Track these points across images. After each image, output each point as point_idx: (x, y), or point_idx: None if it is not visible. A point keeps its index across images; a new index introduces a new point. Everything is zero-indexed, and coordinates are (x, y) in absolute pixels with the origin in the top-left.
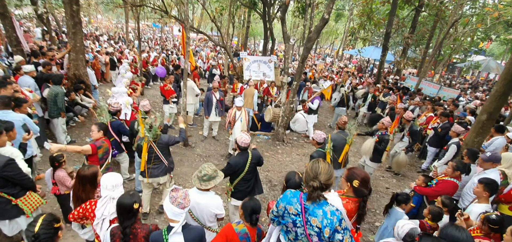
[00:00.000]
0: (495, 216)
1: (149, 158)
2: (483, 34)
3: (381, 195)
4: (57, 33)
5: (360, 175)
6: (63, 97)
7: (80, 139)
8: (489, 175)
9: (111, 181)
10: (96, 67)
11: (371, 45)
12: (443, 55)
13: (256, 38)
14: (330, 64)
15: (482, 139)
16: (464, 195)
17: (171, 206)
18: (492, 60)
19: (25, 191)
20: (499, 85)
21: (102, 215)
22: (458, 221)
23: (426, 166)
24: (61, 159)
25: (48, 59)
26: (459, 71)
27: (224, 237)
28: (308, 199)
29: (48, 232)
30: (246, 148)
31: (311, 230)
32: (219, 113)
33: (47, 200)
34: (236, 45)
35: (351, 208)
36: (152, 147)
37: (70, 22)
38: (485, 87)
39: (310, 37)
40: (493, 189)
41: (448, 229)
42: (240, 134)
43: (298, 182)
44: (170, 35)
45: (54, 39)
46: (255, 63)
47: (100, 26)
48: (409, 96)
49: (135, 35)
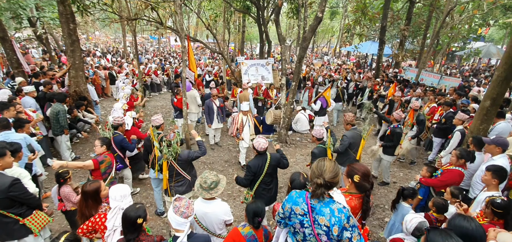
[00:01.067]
0: (500, 200)
1: (171, 176)
2: (481, 20)
3: (389, 190)
4: (56, 53)
5: (360, 170)
6: (65, 115)
7: (84, 155)
8: (497, 162)
9: (119, 192)
10: (96, 83)
11: (368, 40)
12: (441, 45)
13: (252, 42)
14: (328, 63)
15: (487, 126)
16: (474, 184)
17: (174, 216)
18: (492, 46)
19: (32, 210)
20: (500, 70)
21: (113, 226)
22: (458, 211)
23: (432, 157)
24: (66, 176)
25: (49, 78)
26: (459, 59)
27: (232, 241)
28: (312, 196)
29: None
30: (264, 151)
31: (319, 229)
32: (221, 120)
33: (55, 217)
34: (233, 51)
35: (355, 204)
36: (172, 165)
37: (68, 40)
38: (487, 73)
39: (305, 37)
40: (502, 176)
41: (456, 220)
42: (257, 139)
43: (303, 183)
44: (167, 46)
45: (54, 59)
46: (253, 67)
47: (98, 42)
48: (410, 88)
49: (133, 48)
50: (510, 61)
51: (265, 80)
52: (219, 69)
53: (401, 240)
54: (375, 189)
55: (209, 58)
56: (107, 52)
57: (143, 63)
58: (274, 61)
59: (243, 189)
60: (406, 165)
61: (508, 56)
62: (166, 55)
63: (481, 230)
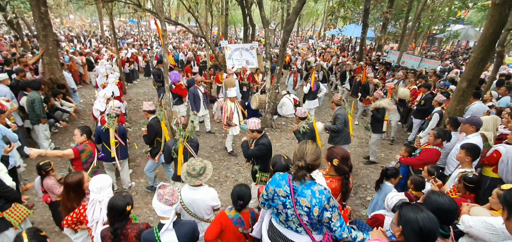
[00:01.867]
0: (472, 175)
1: (185, 160)
2: (460, 2)
3: (371, 171)
4: (29, 38)
5: (339, 154)
6: (41, 103)
7: (64, 145)
8: (471, 140)
9: (97, 184)
10: (73, 70)
11: (352, 23)
12: (422, 27)
13: (236, 25)
14: (312, 46)
15: (463, 107)
16: (449, 161)
17: (159, 203)
18: (470, 28)
19: (10, 203)
20: (477, 52)
21: (92, 218)
22: (433, 187)
23: (412, 138)
24: (47, 168)
25: (22, 66)
26: (439, 42)
27: (219, 224)
28: (294, 178)
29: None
30: (261, 130)
31: (301, 210)
32: (206, 106)
33: (37, 209)
34: (217, 35)
35: (335, 186)
36: (186, 148)
37: (40, 24)
38: (465, 55)
39: (289, 20)
40: (475, 154)
41: (431, 196)
42: (250, 119)
43: (284, 165)
44: (148, 31)
45: (26, 44)
46: (237, 51)
47: (73, 26)
48: (392, 71)
49: (111, 32)
50: (486, 43)
51: (249, 64)
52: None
53: (382, 216)
54: (357, 170)
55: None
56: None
57: (123, 48)
58: (258, 45)
59: (229, 174)
60: (387, 146)
61: (485, 38)
62: (145, 40)
63: (454, 204)
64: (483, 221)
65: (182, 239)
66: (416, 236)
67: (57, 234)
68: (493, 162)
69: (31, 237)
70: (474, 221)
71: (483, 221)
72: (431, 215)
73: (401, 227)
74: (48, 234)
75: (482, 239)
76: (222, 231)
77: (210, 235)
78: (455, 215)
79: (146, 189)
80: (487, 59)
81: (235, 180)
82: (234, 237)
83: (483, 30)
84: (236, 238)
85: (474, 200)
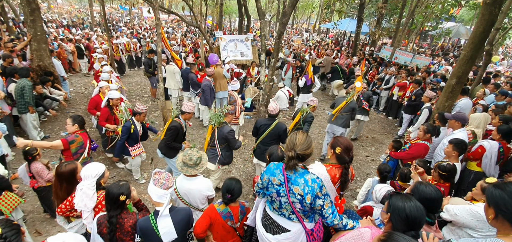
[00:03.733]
0: (446, 164)
1: (209, 142)
2: (453, 0)
3: (361, 163)
4: (14, 23)
5: (343, 143)
6: (31, 91)
7: (54, 134)
8: (458, 135)
9: (83, 172)
10: (62, 57)
11: (347, 17)
12: (415, 24)
13: (231, 16)
14: (307, 39)
15: (452, 103)
16: (436, 156)
17: (155, 188)
18: (462, 26)
19: (1, 192)
20: (467, 50)
21: (78, 207)
22: (413, 174)
23: (402, 132)
24: (34, 152)
25: (8, 51)
26: (431, 39)
27: (208, 217)
28: (286, 168)
29: (12, 230)
30: (275, 115)
31: (294, 197)
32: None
33: (27, 198)
34: (211, 25)
35: (334, 174)
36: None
37: (27, 9)
38: (455, 53)
39: (285, 12)
40: (462, 149)
41: (419, 187)
42: (271, 102)
43: (280, 155)
44: (141, 19)
45: (12, 30)
46: (232, 43)
47: (61, 11)
48: (385, 66)
49: (102, 19)
50: (476, 41)
51: (244, 56)
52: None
53: (371, 207)
54: None
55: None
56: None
57: (114, 37)
58: (253, 37)
59: (231, 168)
60: (377, 140)
61: (475, 36)
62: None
63: (439, 194)
64: (469, 209)
65: (178, 225)
66: (402, 222)
67: (49, 222)
68: (477, 157)
69: (3, 225)
70: (459, 209)
71: (468, 209)
72: (419, 204)
73: (389, 214)
74: (39, 222)
75: (468, 226)
76: (212, 225)
77: (199, 228)
78: (439, 203)
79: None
80: (476, 57)
81: (228, 171)
82: (223, 230)
83: (473, 28)
84: (226, 232)
85: (448, 188)
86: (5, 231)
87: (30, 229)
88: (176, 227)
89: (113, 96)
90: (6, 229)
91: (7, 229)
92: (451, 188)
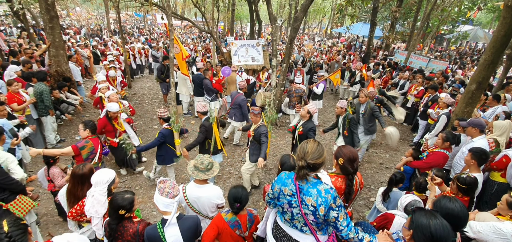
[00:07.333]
0: (466, 176)
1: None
2: (471, 3)
3: (375, 171)
4: (35, 31)
5: (346, 154)
6: (49, 95)
7: (70, 137)
8: (478, 143)
9: (94, 178)
10: (78, 62)
11: (359, 22)
12: (431, 28)
13: (242, 21)
14: (319, 44)
15: (471, 109)
16: (455, 165)
17: (160, 197)
18: (479, 29)
19: (15, 195)
20: (487, 54)
21: (89, 213)
22: (429, 185)
23: (417, 139)
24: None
25: (28, 57)
26: (448, 42)
27: (215, 227)
28: (296, 178)
29: (18, 229)
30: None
31: (307, 209)
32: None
33: (42, 201)
34: (223, 30)
35: (340, 185)
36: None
37: (46, 16)
38: (474, 57)
39: (297, 17)
40: (480, 158)
41: (442, 201)
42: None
43: (293, 165)
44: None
45: (32, 36)
46: (243, 48)
47: (79, 19)
48: (399, 71)
49: (117, 26)
50: (497, 45)
51: (255, 61)
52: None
53: (393, 215)
54: (361, 170)
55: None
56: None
57: (128, 42)
58: (264, 42)
59: (233, 171)
60: (391, 147)
61: (496, 40)
62: (151, 35)
63: (465, 211)
64: (492, 226)
65: (185, 233)
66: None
67: (61, 225)
68: (501, 167)
69: (11, 224)
70: (482, 226)
71: (491, 226)
72: (445, 222)
73: (412, 231)
74: (52, 225)
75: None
76: (220, 234)
77: (206, 238)
78: (464, 222)
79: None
80: (497, 62)
81: (238, 177)
82: (231, 240)
83: (493, 32)
84: (234, 241)
85: (468, 202)
86: (12, 230)
87: (43, 232)
88: (183, 235)
89: (111, 109)
90: (12, 228)
91: (14, 228)
92: (470, 202)
